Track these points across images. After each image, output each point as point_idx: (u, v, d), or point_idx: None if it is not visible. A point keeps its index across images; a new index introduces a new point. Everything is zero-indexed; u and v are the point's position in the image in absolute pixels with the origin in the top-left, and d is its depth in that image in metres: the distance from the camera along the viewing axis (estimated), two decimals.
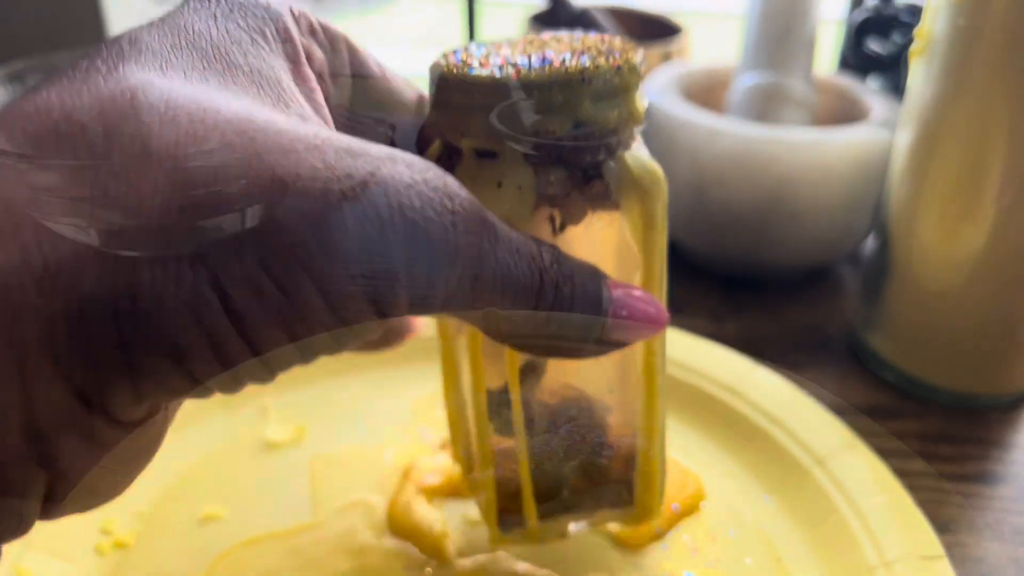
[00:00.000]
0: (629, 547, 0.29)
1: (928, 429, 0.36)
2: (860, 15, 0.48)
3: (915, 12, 0.46)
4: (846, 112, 0.48)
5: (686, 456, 0.33)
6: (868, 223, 0.44)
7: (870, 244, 0.41)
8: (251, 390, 0.33)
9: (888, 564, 0.27)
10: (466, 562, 0.28)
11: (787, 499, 0.31)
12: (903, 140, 0.36)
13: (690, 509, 0.30)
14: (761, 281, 0.47)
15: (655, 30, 0.60)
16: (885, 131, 0.41)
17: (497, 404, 0.25)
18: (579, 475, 0.26)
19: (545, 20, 0.60)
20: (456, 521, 0.30)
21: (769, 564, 0.29)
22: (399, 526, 0.29)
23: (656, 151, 0.47)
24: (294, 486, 0.31)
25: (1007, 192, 0.33)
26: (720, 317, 0.43)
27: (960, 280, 0.35)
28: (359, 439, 0.33)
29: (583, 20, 0.57)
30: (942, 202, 0.34)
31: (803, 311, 0.44)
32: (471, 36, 0.60)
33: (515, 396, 0.24)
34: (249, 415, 0.34)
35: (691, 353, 0.36)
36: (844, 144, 0.41)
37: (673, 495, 0.30)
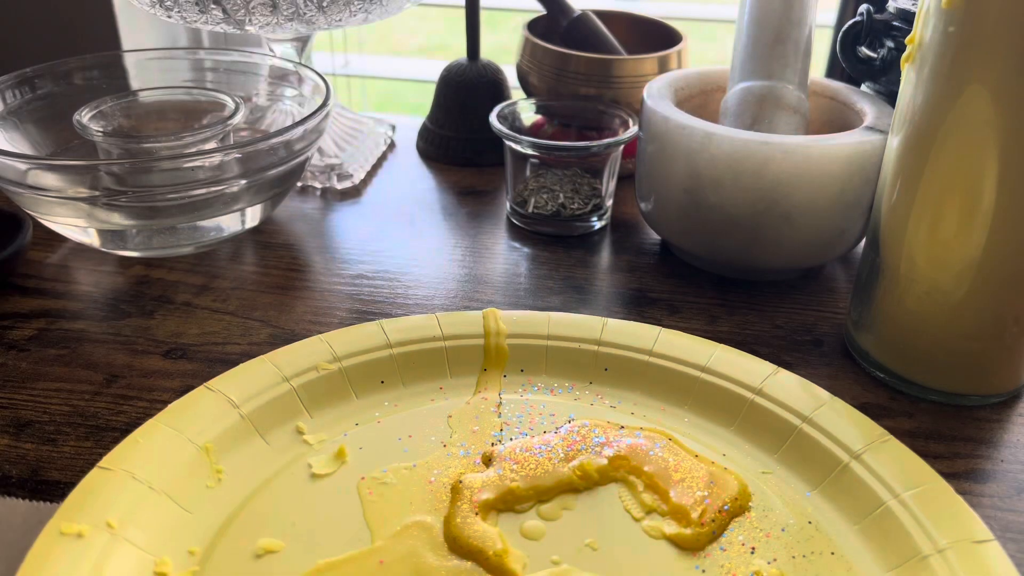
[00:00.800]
0: (687, 549, 0.30)
1: (919, 427, 0.37)
2: (852, 21, 0.49)
3: (907, 18, 0.46)
4: (839, 116, 0.48)
5: (724, 459, 0.34)
6: (861, 226, 0.44)
7: (863, 246, 0.41)
8: (284, 412, 0.34)
9: (942, 551, 0.28)
10: None
11: (830, 494, 0.32)
12: (895, 144, 0.37)
13: (740, 510, 0.31)
14: (755, 282, 0.47)
15: (654, 35, 0.60)
16: (878, 135, 0.42)
17: None
18: None
19: (543, 26, 0.60)
20: (514, 536, 0.30)
21: (825, 557, 0.29)
22: (459, 544, 0.29)
23: (652, 154, 0.48)
24: (347, 511, 0.31)
25: (997, 196, 0.33)
26: (715, 317, 0.44)
27: (950, 282, 0.35)
28: (401, 456, 0.33)
29: (581, 26, 0.58)
30: (933, 206, 0.35)
31: (796, 311, 0.45)
32: (473, 44, 0.61)
33: None
34: (287, 440, 0.34)
35: (713, 357, 0.37)
36: (837, 148, 0.41)
37: (722, 497, 0.31)
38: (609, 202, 0.53)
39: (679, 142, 0.43)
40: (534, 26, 0.60)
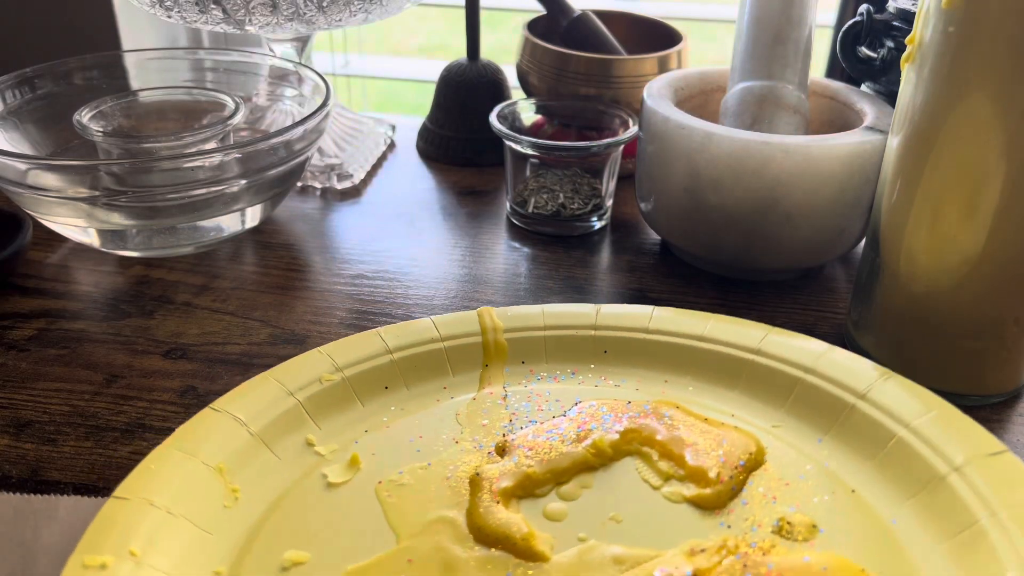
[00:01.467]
0: (709, 508, 0.30)
1: None
2: (852, 21, 0.49)
3: (907, 18, 0.46)
4: (839, 116, 0.48)
5: (733, 419, 0.34)
6: (861, 226, 0.44)
7: (863, 246, 0.41)
8: (292, 425, 0.34)
9: (958, 468, 0.29)
10: (561, 556, 0.28)
11: (841, 436, 0.33)
12: (895, 144, 0.37)
13: (756, 464, 0.32)
14: (755, 282, 0.47)
15: (654, 35, 0.60)
16: (878, 135, 0.42)
17: None
18: None
19: (543, 26, 0.60)
20: (538, 520, 0.30)
21: (845, 496, 0.30)
22: (484, 533, 0.29)
23: (652, 154, 0.48)
24: (368, 516, 0.31)
25: (998, 196, 0.33)
26: None
27: (950, 282, 0.35)
28: (415, 457, 0.33)
29: (581, 26, 0.58)
30: (933, 206, 0.35)
31: (796, 311, 0.45)
32: (473, 44, 0.61)
33: None
34: (298, 452, 0.33)
35: (708, 327, 0.38)
36: (837, 148, 0.41)
37: (737, 454, 0.32)
38: (609, 202, 0.53)
39: (679, 142, 0.43)
40: (534, 26, 0.60)
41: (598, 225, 0.53)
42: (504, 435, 0.34)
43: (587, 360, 0.38)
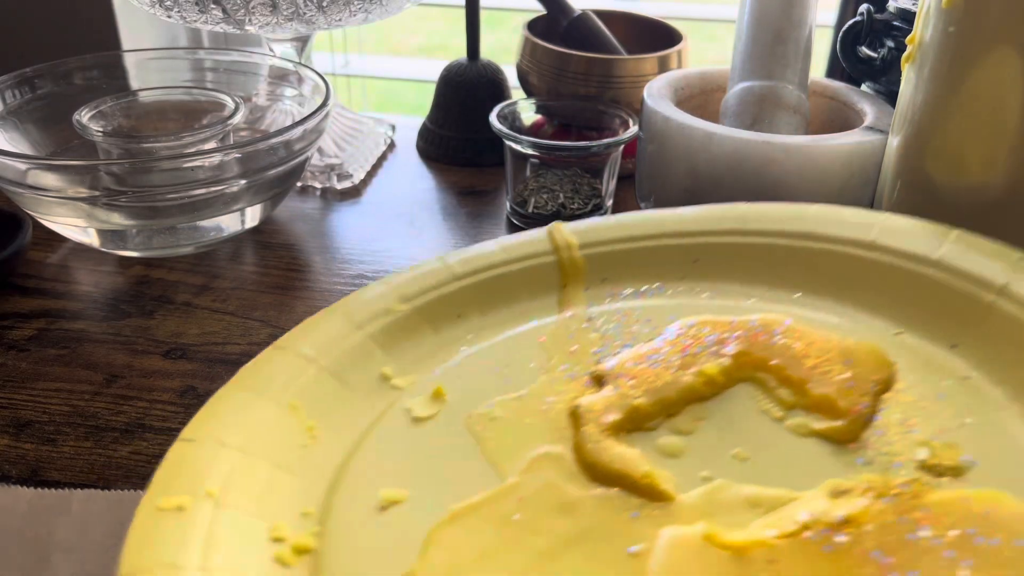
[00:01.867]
0: (842, 442, 0.26)
1: None
2: (852, 21, 0.49)
3: (907, 18, 0.46)
4: (839, 116, 0.48)
5: (851, 328, 0.30)
6: None
7: None
8: (364, 359, 0.31)
9: None
10: (687, 496, 0.25)
11: (978, 340, 0.28)
12: (895, 145, 0.37)
13: (887, 384, 0.27)
14: None
15: (654, 35, 0.60)
16: (878, 135, 0.42)
17: None
18: None
19: (543, 26, 0.60)
20: (652, 456, 0.27)
21: (996, 414, 0.26)
22: (598, 471, 0.26)
23: (652, 154, 0.48)
24: (462, 451, 0.28)
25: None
26: None
27: None
28: (503, 388, 0.30)
29: (581, 26, 0.58)
30: (933, 206, 0.35)
31: None
32: (473, 44, 0.61)
33: None
34: (375, 387, 0.31)
35: (812, 219, 0.34)
36: (837, 148, 0.41)
37: (866, 376, 0.28)
38: (609, 202, 0.53)
39: (679, 142, 0.43)
40: (534, 26, 0.60)
41: None
42: (599, 362, 0.30)
43: (675, 272, 0.34)
